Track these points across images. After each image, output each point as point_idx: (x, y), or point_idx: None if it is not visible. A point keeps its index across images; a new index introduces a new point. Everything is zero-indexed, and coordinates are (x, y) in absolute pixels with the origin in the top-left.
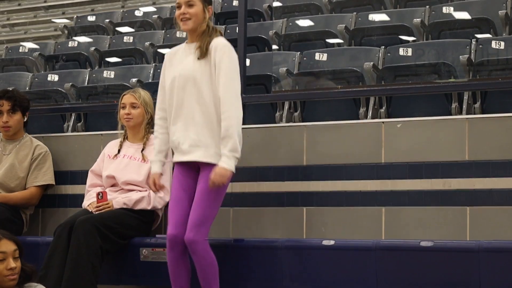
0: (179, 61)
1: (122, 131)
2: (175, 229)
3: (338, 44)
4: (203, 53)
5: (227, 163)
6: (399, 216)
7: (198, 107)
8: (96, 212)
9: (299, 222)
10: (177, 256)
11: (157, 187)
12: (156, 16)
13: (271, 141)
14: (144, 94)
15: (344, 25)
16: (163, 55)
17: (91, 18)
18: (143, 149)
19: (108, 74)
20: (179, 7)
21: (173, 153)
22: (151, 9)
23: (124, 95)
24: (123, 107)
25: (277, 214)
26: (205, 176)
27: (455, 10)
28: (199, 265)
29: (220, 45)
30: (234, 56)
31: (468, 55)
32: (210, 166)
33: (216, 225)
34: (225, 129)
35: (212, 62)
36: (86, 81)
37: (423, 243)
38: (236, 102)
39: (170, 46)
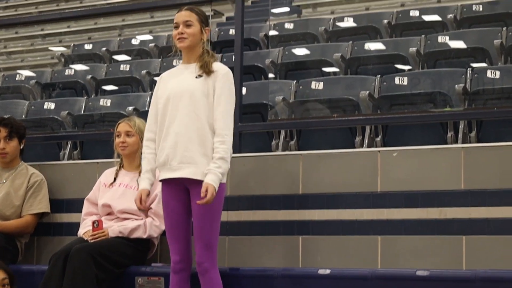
0: (175, 78)
1: (118, 160)
2: (179, 255)
3: (334, 73)
4: (207, 71)
5: (213, 180)
6: (395, 245)
7: (191, 124)
8: (92, 241)
9: (295, 251)
10: (181, 283)
11: (143, 204)
12: (152, 44)
13: (267, 169)
14: (139, 122)
15: (340, 54)
16: None
17: (88, 46)
18: (138, 177)
19: (105, 102)
20: (176, 26)
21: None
22: (148, 37)
23: (119, 123)
24: (118, 136)
25: (273, 243)
26: (198, 196)
27: (450, 39)
28: None
29: (224, 70)
30: (233, 83)
31: (463, 84)
32: (199, 184)
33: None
34: (224, 151)
35: (211, 83)
36: (83, 109)
37: (419, 272)
38: (232, 128)
39: None
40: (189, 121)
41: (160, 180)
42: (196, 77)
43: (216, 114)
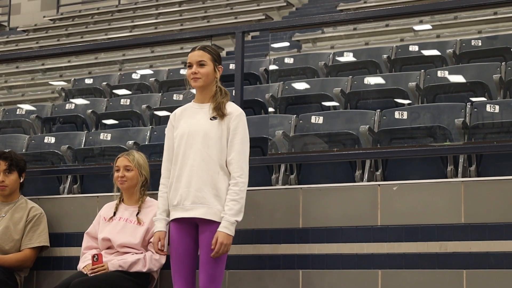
0: (188, 118)
1: (118, 194)
2: None
3: (334, 107)
4: (221, 115)
5: (229, 229)
6: (395, 279)
7: (204, 165)
8: (91, 275)
9: (295, 285)
10: None
11: (161, 248)
12: (153, 79)
13: (267, 203)
14: (139, 156)
15: (340, 88)
16: (160, 117)
17: (88, 81)
18: (138, 212)
19: (105, 136)
20: (190, 66)
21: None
22: (148, 72)
23: (118, 157)
24: (117, 170)
25: (273, 277)
26: (207, 233)
27: (450, 74)
28: None
29: (238, 112)
30: (246, 124)
31: (463, 119)
32: (210, 223)
33: None
34: (236, 193)
35: (225, 126)
36: (83, 143)
37: None
38: (247, 169)
39: (167, 109)
40: (202, 163)
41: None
42: (211, 118)
43: (230, 156)
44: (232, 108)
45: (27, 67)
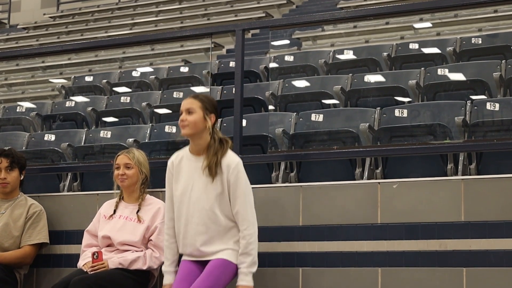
0: (185, 173)
1: (118, 191)
2: None
3: (334, 105)
4: (213, 174)
5: (246, 281)
6: (395, 277)
7: (211, 223)
8: (91, 272)
9: (295, 283)
10: None
11: None
12: (153, 76)
13: (267, 201)
14: (139, 154)
15: (340, 86)
16: (160, 115)
17: (89, 78)
18: (138, 210)
19: (105, 134)
20: (181, 114)
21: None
22: (148, 69)
23: (118, 155)
24: (118, 168)
25: (273, 275)
26: (211, 264)
27: (450, 71)
28: None
29: (233, 164)
30: (244, 172)
31: (463, 117)
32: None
33: None
34: (245, 247)
35: (224, 180)
36: (83, 140)
37: None
38: (253, 218)
39: (167, 107)
40: (208, 221)
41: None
42: (207, 176)
43: (235, 209)
44: (228, 160)
45: (27, 65)
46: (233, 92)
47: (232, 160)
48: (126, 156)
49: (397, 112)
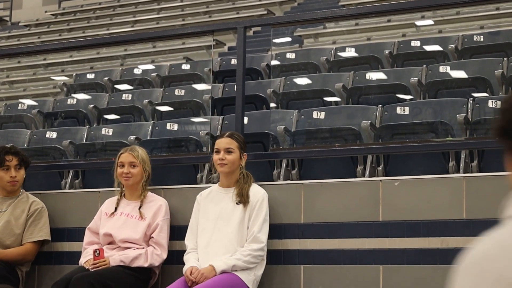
0: (214, 204)
1: (119, 189)
2: None
3: (336, 103)
4: (245, 201)
5: (218, 265)
6: (397, 275)
7: (230, 246)
8: (93, 270)
9: (296, 280)
10: None
11: (194, 274)
12: (154, 74)
13: (269, 198)
14: (142, 152)
15: (341, 83)
16: (161, 112)
17: (90, 76)
18: (140, 207)
19: (107, 131)
20: (217, 151)
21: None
22: (150, 67)
23: (121, 153)
24: (121, 166)
25: (274, 272)
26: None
27: (451, 69)
28: None
29: (261, 193)
30: (267, 206)
31: (465, 114)
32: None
33: None
34: (242, 251)
35: (249, 211)
36: (85, 138)
37: None
38: (265, 242)
39: (168, 104)
40: (229, 244)
41: None
42: (237, 203)
43: (252, 229)
44: (256, 190)
45: (28, 62)
46: (235, 89)
47: (258, 191)
48: (131, 155)
49: (398, 110)
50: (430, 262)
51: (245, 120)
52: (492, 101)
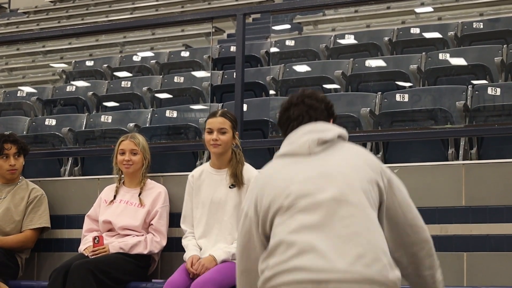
0: (207, 187)
1: (117, 176)
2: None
3: (335, 90)
4: (240, 183)
5: (217, 255)
6: None
7: (226, 231)
8: (92, 257)
9: None
10: None
11: (195, 266)
12: (154, 61)
13: None
14: (142, 139)
15: (341, 71)
16: (160, 99)
17: (89, 63)
18: (140, 194)
19: (106, 118)
20: (210, 132)
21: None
22: (149, 54)
23: (122, 141)
24: (122, 153)
25: None
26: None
27: (451, 56)
28: None
29: (254, 175)
30: None
31: (464, 101)
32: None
33: None
34: None
35: (245, 191)
36: (84, 125)
37: None
38: None
39: (168, 91)
40: (225, 231)
41: None
42: (230, 186)
43: None
44: (249, 173)
45: (27, 49)
46: (234, 76)
47: (252, 172)
48: (132, 142)
49: (398, 97)
50: None
51: (245, 107)
52: (492, 89)
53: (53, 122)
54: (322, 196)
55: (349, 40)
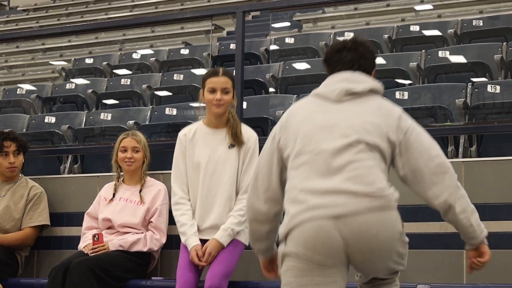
0: (204, 145)
1: (116, 173)
2: None
3: None
4: (240, 142)
5: (220, 236)
6: None
7: (225, 193)
8: (92, 254)
9: None
10: None
11: (204, 259)
12: (153, 58)
13: None
14: (143, 137)
15: None
16: (160, 97)
17: (89, 61)
18: (140, 191)
19: (105, 116)
20: (213, 91)
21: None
22: (149, 51)
23: (124, 138)
24: (124, 151)
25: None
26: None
27: (451, 54)
28: None
29: (254, 138)
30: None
31: (464, 99)
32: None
33: None
34: (238, 209)
35: (243, 153)
36: (83, 123)
37: (419, 287)
38: None
39: (167, 89)
40: (225, 193)
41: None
42: (229, 146)
43: (244, 181)
44: (249, 133)
45: (27, 47)
46: (234, 74)
47: (251, 134)
48: (134, 139)
49: (397, 94)
50: (429, 246)
51: (244, 105)
52: (491, 86)
53: (52, 119)
54: (332, 144)
55: (349, 37)
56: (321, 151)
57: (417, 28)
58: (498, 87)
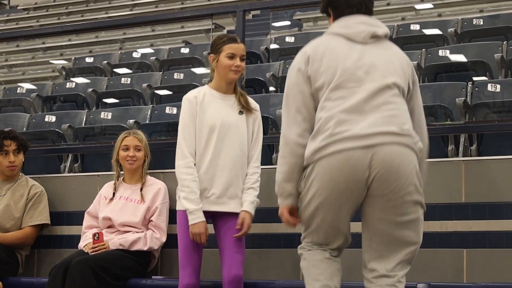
0: (215, 109)
1: (115, 172)
2: (192, 279)
3: None
4: (250, 109)
5: (250, 208)
6: None
7: (237, 160)
8: (92, 253)
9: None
10: None
11: (203, 239)
12: (153, 57)
13: (269, 182)
14: (144, 136)
15: None
16: (160, 96)
17: (89, 60)
18: (141, 189)
19: (106, 115)
20: (232, 57)
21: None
22: (149, 50)
23: (125, 137)
24: (126, 149)
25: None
26: (231, 223)
27: (451, 53)
28: None
29: (258, 109)
30: None
31: (464, 98)
32: (235, 214)
33: (217, 265)
34: (255, 181)
35: (251, 121)
36: (83, 122)
37: (420, 286)
38: None
39: (167, 88)
40: (236, 158)
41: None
42: (239, 112)
43: (254, 149)
44: (254, 103)
45: (27, 46)
46: None
47: (256, 104)
48: (136, 138)
49: None
50: (429, 245)
51: None
52: (492, 85)
53: (53, 118)
54: (369, 83)
55: None
56: (360, 89)
57: (417, 27)
58: (498, 86)
